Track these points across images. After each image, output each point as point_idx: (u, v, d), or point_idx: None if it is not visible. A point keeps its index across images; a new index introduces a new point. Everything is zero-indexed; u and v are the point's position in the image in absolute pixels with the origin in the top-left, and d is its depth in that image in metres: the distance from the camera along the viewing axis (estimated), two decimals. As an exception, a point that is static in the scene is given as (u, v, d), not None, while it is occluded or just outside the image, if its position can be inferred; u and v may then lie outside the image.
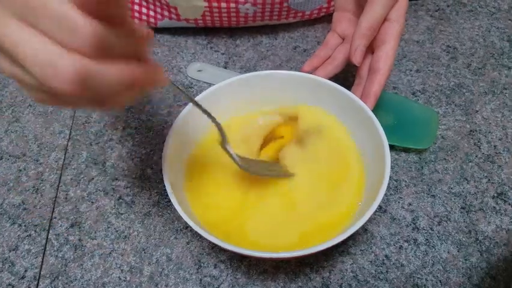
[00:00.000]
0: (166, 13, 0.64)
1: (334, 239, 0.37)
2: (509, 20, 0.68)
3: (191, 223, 0.38)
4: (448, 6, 0.70)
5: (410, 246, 0.46)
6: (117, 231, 0.49)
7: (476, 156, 0.52)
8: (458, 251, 0.45)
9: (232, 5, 0.61)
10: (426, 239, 0.46)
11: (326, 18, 0.68)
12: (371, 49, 0.49)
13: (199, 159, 0.48)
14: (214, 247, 0.47)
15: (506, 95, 0.58)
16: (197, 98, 0.47)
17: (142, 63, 0.27)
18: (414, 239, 0.46)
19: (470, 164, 0.52)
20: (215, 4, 0.60)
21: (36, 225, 0.50)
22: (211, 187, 0.46)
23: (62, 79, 0.23)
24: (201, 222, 0.41)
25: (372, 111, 0.45)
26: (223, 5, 0.60)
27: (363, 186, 0.45)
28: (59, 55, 0.23)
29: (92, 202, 0.51)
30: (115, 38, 0.24)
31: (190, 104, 0.47)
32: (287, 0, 0.61)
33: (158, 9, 0.64)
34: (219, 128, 0.41)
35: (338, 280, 0.44)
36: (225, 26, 0.66)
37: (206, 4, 0.60)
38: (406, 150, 0.53)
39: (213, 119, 0.40)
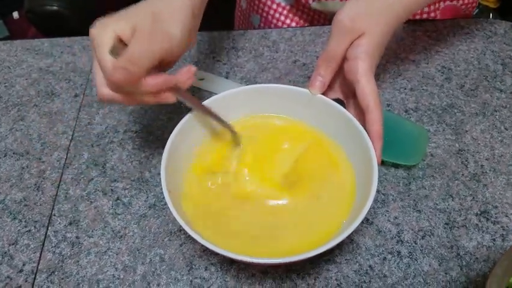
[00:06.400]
0: None
1: (321, 247, 0.39)
2: (504, 43, 0.70)
3: (185, 226, 0.40)
4: (446, 27, 0.72)
5: (393, 258, 0.48)
6: (113, 230, 0.51)
7: (463, 174, 0.54)
8: (439, 265, 0.47)
9: None
10: (410, 252, 0.48)
11: (326, 35, 0.71)
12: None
13: (197, 166, 0.50)
14: (205, 250, 0.49)
15: (496, 117, 0.60)
16: (205, 102, 0.50)
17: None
18: (398, 252, 0.48)
19: (456, 181, 0.54)
20: None
21: (36, 222, 0.52)
22: (206, 194, 0.48)
23: (99, 96, 0.44)
24: (194, 226, 0.43)
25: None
26: None
27: (353, 199, 0.47)
28: (100, 85, 0.44)
29: (90, 202, 0.53)
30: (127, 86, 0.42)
31: (191, 111, 0.49)
32: None
33: None
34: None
35: (322, 287, 0.46)
36: None
37: None
38: (395, 165, 0.55)
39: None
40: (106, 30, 0.42)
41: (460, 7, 0.75)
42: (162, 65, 0.45)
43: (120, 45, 0.42)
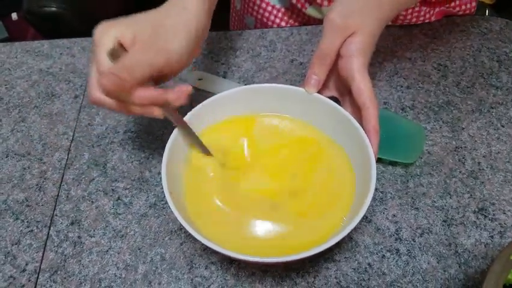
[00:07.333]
0: None
1: (320, 246, 0.40)
2: (500, 41, 0.70)
3: (185, 224, 0.40)
4: (441, 25, 0.73)
5: (392, 256, 0.48)
6: (114, 230, 0.51)
7: (460, 172, 0.55)
8: (437, 262, 0.48)
9: None
10: (408, 250, 0.49)
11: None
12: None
13: (197, 166, 0.50)
14: (205, 249, 0.49)
15: (493, 113, 0.61)
16: (204, 102, 0.51)
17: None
18: (396, 249, 0.49)
19: (453, 179, 0.54)
20: None
21: (38, 222, 0.52)
22: (206, 193, 0.48)
23: (89, 98, 0.45)
24: (194, 225, 0.44)
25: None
26: None
27: (353, 195, 0.47)
28: (93, 87, 0.44)
29: (92, 201, 0.54)
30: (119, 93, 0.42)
31: (189, 113, 0.49)
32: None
33: None
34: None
35: (321, 285, 0.46)
36: None
37: None
38: (393, 163, 0.55)
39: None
40: (107, 32, 0.43)
41: (457, 13, 0.76)
42: (161, 77, 0.46)
43: (120, 50, 0.43)
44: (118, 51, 0.42)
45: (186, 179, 0.49)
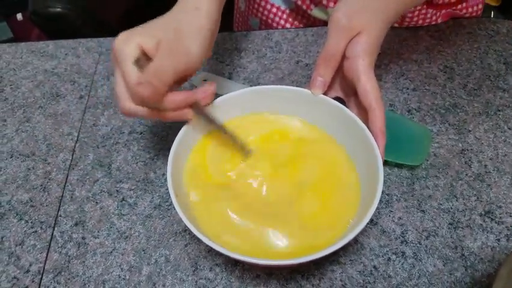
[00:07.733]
0: None
1: (326, 249, 0.39)
2: (507, 43, 0.70)
3: (190, 226, 0.40)
4: (448, 27, 0.73)
5: (398, 259, 0.48)
6: (119, 231, 0.51)
7: (467, 174, 0.54)
8: (443, 265, 0.47)
9: None
10: (414, 253, 0.48)
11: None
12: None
13: (202, 167, 0.50)
14: (210, 251, 0.49)
15: (500, 116, 0.60)
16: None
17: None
18: (402, 252, 0.48)
19: (460, 182, 0.54)
20: None
21: (42, 222, 0.52)
22: (210, 195, 0.48)
23: (121, 110, 0.45)
24: (198, 226, 0.44)
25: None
26: None
27: (359, 199, 0.47)
28: (123, 98, 0.44)
29: (96, 202, 0.54)
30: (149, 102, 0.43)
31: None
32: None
33: None
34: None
35: (327, 288, 0.46)
36: None
37: None
38: (399, 165, 0.55)
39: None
40: (130, 42, 0.43)
41: (463, 15, 0.75)
42: (179, 80, 0.46)
43: (143, 58, 0.43)
44: (142, 61, 0.43)
45: (191, 181, 0.49)
